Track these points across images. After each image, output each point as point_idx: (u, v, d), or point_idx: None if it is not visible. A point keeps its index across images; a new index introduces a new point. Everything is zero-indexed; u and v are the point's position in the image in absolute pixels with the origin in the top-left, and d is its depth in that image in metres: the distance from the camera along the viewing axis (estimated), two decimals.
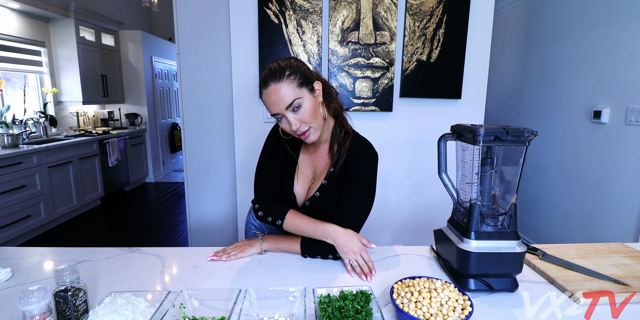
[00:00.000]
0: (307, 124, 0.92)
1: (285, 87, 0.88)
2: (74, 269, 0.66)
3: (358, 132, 1.08)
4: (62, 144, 3.30)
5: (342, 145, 1.00)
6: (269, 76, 0.90)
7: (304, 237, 0.98)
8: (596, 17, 2.15)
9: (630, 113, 1.92)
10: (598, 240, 2.11)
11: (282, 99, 0.88)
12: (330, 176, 1.01)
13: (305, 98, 0.90)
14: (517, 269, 0.79)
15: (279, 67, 0.90)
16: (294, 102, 0.88)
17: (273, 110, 0.91)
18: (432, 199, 2.10)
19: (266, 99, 0.91)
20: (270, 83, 0.89)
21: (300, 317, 0.66)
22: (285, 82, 0.88)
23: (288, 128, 0.92)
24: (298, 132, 0.92)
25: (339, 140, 1.01)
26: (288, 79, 0.89)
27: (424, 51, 1.91)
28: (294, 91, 0.89)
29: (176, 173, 5.71)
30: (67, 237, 3.13)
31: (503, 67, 3.16)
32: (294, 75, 0.90)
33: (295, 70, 0.90)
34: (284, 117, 0.91)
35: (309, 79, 0.92)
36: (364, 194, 0.98)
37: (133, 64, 4.73)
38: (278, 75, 0.89)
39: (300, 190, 1.06)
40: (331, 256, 0.96)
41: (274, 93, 0.88)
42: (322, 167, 1.05)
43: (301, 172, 1.07)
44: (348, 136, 1.01)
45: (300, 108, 0.90)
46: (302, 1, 1.83)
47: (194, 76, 2.09)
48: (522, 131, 0.76)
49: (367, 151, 1.01)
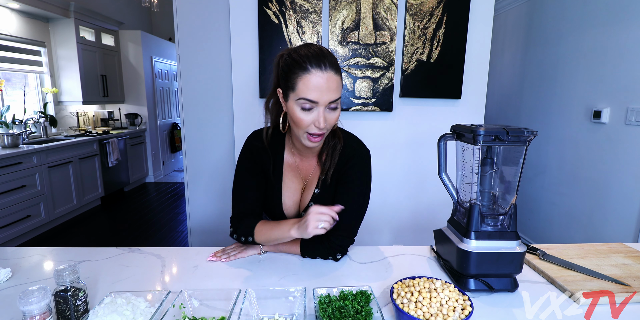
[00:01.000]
0: (328, 129, 0.85)
1: (339, 82, 0.81)
2: (74, 269, 0.66)
3: (346, 130, 1.01)
4: (62, 144, 3.30)
5: (333, 153, 0.94)
6: (326, 58, 0.80)
7: (302, 239, 0.97)
8: (596, 17, 2.15)
9: (630, 113, 1.91)
10: (598, 240, 2.11)
11: (333, 91, 0.80)
12: (322, 184, 0.97)
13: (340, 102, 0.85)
14: (517, 269, 0.79)
15: (333, 57, 0.82)
16: (337, 100, 0.82)
17: (315, 97, 0.79)
18: (432, 199, 2.10)
19: (314, 80, 0.78)
20: (329, 69, 0.79)
21: (300, 317, 0.66)
22: (340, 76, 0.82)
23: (309, 124, 0.82)
24: (318, 132, 0.83)
25: (329, 149, 0.95)
26: (341, 76, 0.83)
27: (424, 51, 1.91)
28: (340, 90, 0.83)
29: (176, 173, 5.71)
30: (67, 237, 3.13)
31: (503, 67, 3.16)
32: (341, 74, 0.84)
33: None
34: (316, 109, 0.81)
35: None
36: (359, 197, 0.96)
37: (133, 64, 4.73)
38: (335, 66, 0.81)
39: (290, 204, 1.01)
40: (331, 257, 0.95)
41: (330, 81, 0.79)
42: (311, 175, 1.00)
43: (288, 187, 1.00)
44: (338, 142, 0.95)
45: (335, 110, 0.84)
46: (302, 1, 1.83)
47: (194, 76, 2.09)
48: (522, 131, 0.76)
49: (359, 152, 0.96)
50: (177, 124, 5.80)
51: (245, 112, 1.96)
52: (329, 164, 0.94)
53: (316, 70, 0.78)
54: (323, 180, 0.96)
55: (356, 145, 0.97)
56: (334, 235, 0.94)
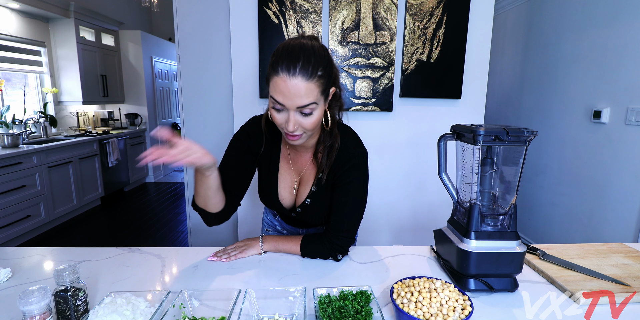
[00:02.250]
0: (302, 130, 0.82)
1: (309, 88, 0.75)
2: (74, 269, 0.66)
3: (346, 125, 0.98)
4: (62, 144, 3.30)
5: (330, 153, 0.91)
6: (299, 62, 0.74)
7: (304, 238, 0.97)
8: (596, 17, 2.15)
9: (630, 113, 1.91)
10: (598, 240, 2.11)
11: (300, 97, 0.75)
12: (319, 182, 0.96)
13: (318, 106, 0.79)
14: (517, 269, 0.79)
15: (314, 59, 0.76)
16: (308, 105, 0.77)
17: (281, 101, 0.76)
18: (432, 199, 2.10)
19: (281, 85, 0.75)
20: (298, 73, 0.74)
21: (300, 317, 0.66)
22: (313, 82, 0.75)
23: (281, 123, 0.81)
24: (289, 133, 0.82)
25: (325, 148, 0.92)
26: (317, 81, 0.76)
27: (424, 51, 1.91)
28: (314, 95, 0.77)
29: (176, 173, 5.71)
30: (67, 237, 3.13)
31: (503, 67, 3.16)
32: (323, 78, 0.77)
33: (326, 70, 0.78)
34: (286, 111, 0.78)
35: (330, 84, 0.82)
36: (358, 198, 0.95)
37: (133, 64, 4.73)
38: (310, 69, 0.75)
39: (286, 195, 1.01)
40: (331, 258, 0.95)
41: (296, 87, 0.74)
42: (306, 171, 0.99)
43: (283, 178, 1.00)
44: (335, 141, 0.91)
45: (309, 115, 0.79)
46: (302, 1, 1.83)
47: (194, 76, 2.09)
48: (522, 131, 0.76)
49: (356, 154, 0.93)
50: (177, 124, 5.80)
51: (245, 112, 1.96)
52: (325, 163, 0.92)
53: (284, 75, 0.74)
54: (319, 179, 0.95)
55: (354, 146, 0.94)
56: (335, 236, 0.94)
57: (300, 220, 1.07)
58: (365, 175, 0.96)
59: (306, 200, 0.98)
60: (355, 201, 0.95)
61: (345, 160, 0.92)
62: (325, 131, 0.91)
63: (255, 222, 2.09)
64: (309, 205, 0.98)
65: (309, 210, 0.99)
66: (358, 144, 0.96)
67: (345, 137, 0.94)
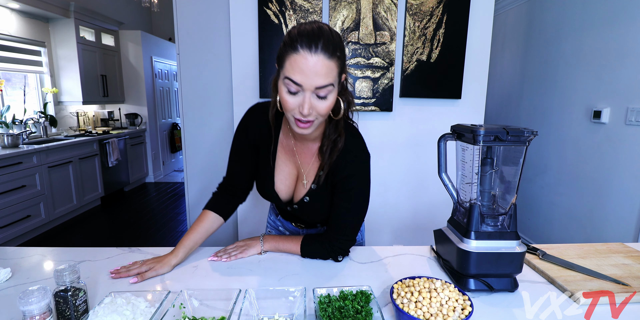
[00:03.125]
0: (315, 116, 0.78)
1: (330, 67, 0.73)
2: (74, 269, 0.66)
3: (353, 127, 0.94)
4: (62, 144, 3.30)
5: (332, 150, 0.88)
6: (320, 40, 0.72)
7: (304, 238, 0.97)
8: (596, 17, 2.15)
9: (630, 113, 1.91)
10: (598, 240, 2.11)
11: (320, 76, 0.72)
12: (318, 180, 0.93)
13: (334, 89, 0.77)
14: (517, 269, 0.79)
15: (333, 38, 0.74)
16: (327, 86, 0.74)
17: (299, 80, 0.73)
18: (432, 199, 2.10)
19: (301, 62, 0.72)
20: (320, 51, 0.71)
21: (300, 317, 0.66)
22: (334, 61, 0.73)
23: (294, 108, 0.77)
24: (303, 118, 0.77)
25: (330, 144, 0.89)
26: (336, 61, 0.74)
27: (424, 51, 1.91)
28: (333, 76, 0.74)
29: (176, 173, 5.71)
30: (67, 237, 3.13)
31: (503, 67, 3.16)
32: (341, 60, 0.76)
33: (343, 53, 0.77)
34: (302, 93, 0.75)
35: (344, 68, 0.80)
36: (360, 205, 0.93)
37: (133, 64, 4.73)
38: (331, 48, 0.72)
39: (282, 187, 0.98)
40: (331, 258, 0.95)
41: (318, 64, 0.71)
42: (309, 167, 0.95)
43: (281, 169, 0.97)
44: (340, 139, 0.88)
45: (324, 98, 0.76)
46: (302, 1, 1.83)
47: (194, 76, 2.09)
48: (522, 131, 0.76)
49: (359, 157, 0.91)
50: (177, 124, 5.80)
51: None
52: (326, 161, 0.90)
53: (305, 52, 0.71)
54: (319, 177, 0.93)
55: (357, 150, 0.91)
56: (335, 239, 0.93)
57: (297, 217, 1.06)
58: (367, 181, 0.93)
59: (305, 198, 0.96)
60: (356, 207, 0.93)
61: (346, 163, 0.89)
62: (331, 123, 0.88)
63: (256, 222, 2.09)
64: (307, 203, 0.97)
65: (306, 208, 0.98)
66: (362, 148, 0.92)
67: (351, 138, 0.91)
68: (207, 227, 0.99)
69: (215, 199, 1.04)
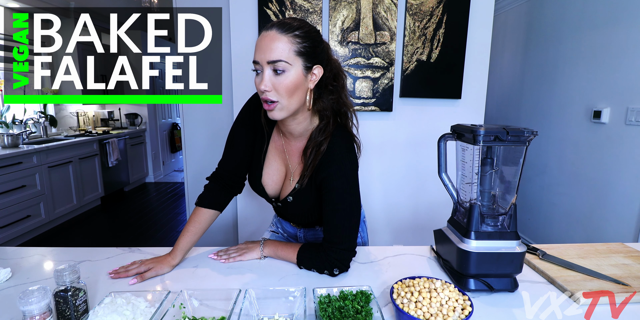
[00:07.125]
0: (276, 95, 0.81)
1: (282, 42, 0.78)
2: (74, 269, 0.66)
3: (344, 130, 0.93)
4: (62, 144, 3.30)
5: (316, 152, 0.88)
6: (277, 22, 0.80)
7: (301, 248, 0.92)
8: (596, 17, 2.15)
9: (630, 113, 1.91)
10: (598, 240, 2.11)
11: (272, 50, 0.78)
12: (302, 180, 0.93)
13: (294, 69, 0.79)
14: (517, 269, 0.79)
15: (295, 24, 0.80)
16: (278, 62, 0.78)
17: (256, 56, 0.80)
18: (432, 199, 2.10)
19: (258, 41, 0.80)
20: (273, 29, 0.79)
21: (300, 317, 0.66)
22: (287, 38, 0.78)
23: (259, 88, 0.82)
24: (263, 97, 0.81)
25: (314, 146, 0.89)
26: (292, 38, 0.78)
27: (424, 51, 1.91)
28: (288, 53, 0.78)
29: (176, 173, 5.71)
30: (67, 237, 3.13)
31: (503, 67, 3.16)
32: (301, 39, 0.79)
33: (307, 38, 0.80)
34: (262, 71, 0.80)
35: (313, 57, 0.81)
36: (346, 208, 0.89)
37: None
38: (287, 27, 0.79)
39: (269, 182, 0.99)
40: (327, 271, 0.88)
41: (268, 40, 0.78)
42: (296, 166, 0.96)
43: (270, 164, 0.98)
44: (325, 142, 0.88)
45: (282, 74, 0.79)
46: (302, 1, 1.83)
47: None
48: (522, 131, 0.76)
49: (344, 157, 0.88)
50: (177, 124, 5.80)
51: None
52: (308, 163, 0.90)
53: (264, 31, 0.80)
54: (303, 177, 0.92)
55: (342, 152, 0.89)
56: (330, 249, 0.88)
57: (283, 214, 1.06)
58: (352, 183, 0.89)
59: (288, 198, 0.96)
60: (344, 210, 0.88)
61: (328, 163, 0.88)
62: (319, 126, 0.89)
63: (256, 222, 2.09)
64: (290, 202, 0.96)
65: (290, 207, 0.98)
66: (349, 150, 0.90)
67: (338, 140, 0.90)
68: (203, 226, 0.99)
69: (209, 192, 1.02)
